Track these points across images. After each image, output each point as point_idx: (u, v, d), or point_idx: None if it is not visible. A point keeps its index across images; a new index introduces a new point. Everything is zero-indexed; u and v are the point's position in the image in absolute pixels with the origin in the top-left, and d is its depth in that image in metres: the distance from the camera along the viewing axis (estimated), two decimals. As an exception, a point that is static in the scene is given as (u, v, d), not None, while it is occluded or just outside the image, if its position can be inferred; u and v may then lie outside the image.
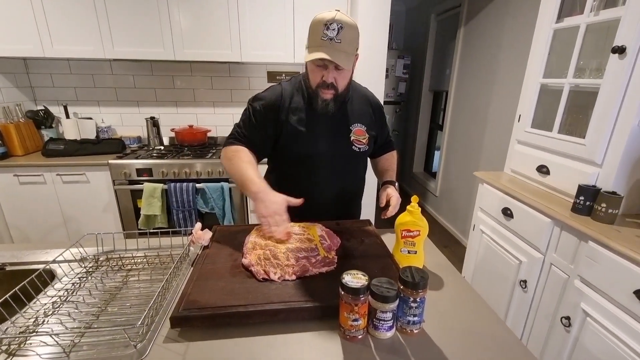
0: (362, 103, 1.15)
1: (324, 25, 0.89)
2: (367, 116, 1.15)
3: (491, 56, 2.50)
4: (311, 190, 1.10)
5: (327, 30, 0.89)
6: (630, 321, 0.98)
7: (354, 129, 1.11)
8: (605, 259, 1.05)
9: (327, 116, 1.05)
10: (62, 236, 2.18)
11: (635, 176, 1.19)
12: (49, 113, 2.36)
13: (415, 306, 0.65)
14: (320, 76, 0.97)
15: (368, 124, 1.14)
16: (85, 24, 1.99)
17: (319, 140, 1.07)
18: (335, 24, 0.89)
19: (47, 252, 0.97)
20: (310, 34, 0.93)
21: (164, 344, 0.64)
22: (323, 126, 1.07)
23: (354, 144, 1.11)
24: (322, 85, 0.98)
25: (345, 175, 1.16)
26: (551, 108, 1.49)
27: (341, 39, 0.90)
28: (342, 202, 1.19)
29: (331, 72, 0.96)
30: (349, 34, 0.91)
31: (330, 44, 0.90)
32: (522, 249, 1.43)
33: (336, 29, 0.89)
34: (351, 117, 1.11)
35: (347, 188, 1.18)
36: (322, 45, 0.90)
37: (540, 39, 1.51)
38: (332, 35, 0.89)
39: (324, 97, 1.00)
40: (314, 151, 1.07)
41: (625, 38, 1.12)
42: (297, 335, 0.67)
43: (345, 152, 1.11)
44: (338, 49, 0.91)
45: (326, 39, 0.90)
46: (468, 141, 2.86)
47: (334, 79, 0.97)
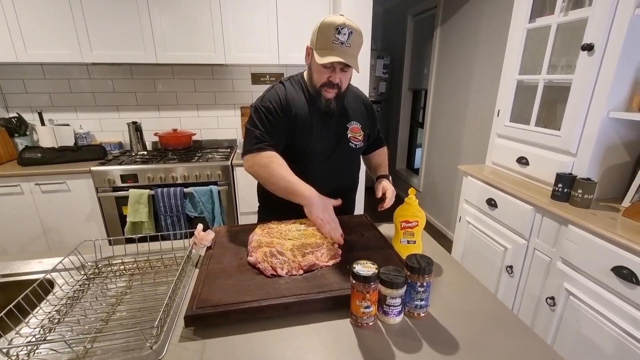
0: (356, 102, 1.20)
1: (335, 30, 0.94)
2: (362, 114, 1.20)
3: (468, 55, 2.61)
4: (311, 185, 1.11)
5: (338, 35, 0.94)
6: (609, 296, 1.06)
7: (351, 127, 1.15)
8: (584, 241, 1.14)
9: (327, 114, 1.09)
10: (42, 247, 2.08)
11: (606, 163, 1.29)
12: (22, 120, 2.25)
13: (422, 290, 0.69)
14: (327, 76, 1.02)
15: (363, 122, 1.19)
16: (60, 27, 1.92)
17: (319, 138, 1.10)
18: (347, 28, 0.94)
19: (41, 261, 0.94)
20: (320, 36, 0.97)
21: (180, 343, 0.65)
22: (324, 124, 1.11)
23: (351, 141, 1.15)
24: (327, 85, 1.02)
25: (343, 172, 1.21)
26: (528, 103, 1.58)
27: (351, 44, 0.96)
28: (340, 197, 1.21)
29: (338, 73, 1.01)
30: (357, 39, 0.97)
31: (342, 48, 0.95)
32: (507, 236, 1.51)
33: (347, 34, 0.95)
34: (348, 115, 1.16)
35: (344, 184, 1.22)
36: (334, 48, 0.95)
37: (515, 38, 1.61)
38: (343, 40, 0.95)
39: (327, 96, 1.05)
40: (315, 148, 1.11)
41: (593, 36, 1.21)
42: (310, 327, 0.69)
43: (343, 148, 1.15)
44: (348, 52, 0.96)
45: (337, 43, 0.95)
46: (448, 137, 2.97)
47: (340, 80, 1.02)
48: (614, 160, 1.30)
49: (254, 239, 0.90)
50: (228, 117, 2.60)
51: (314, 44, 1.00)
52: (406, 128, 4.03)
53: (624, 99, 1.21)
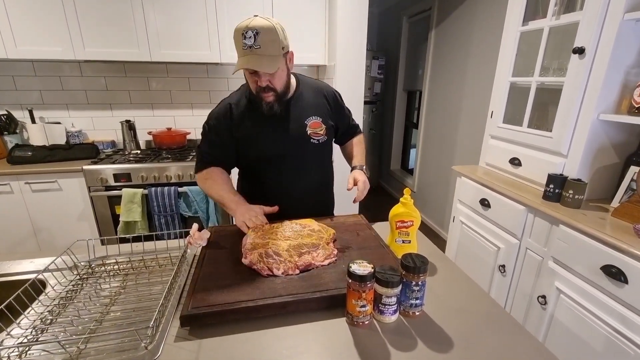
0: (315, 96, 1.17)
1: (242, 35, 0.92)
2: (322, 107, 1.17)
3: (462, 57, 2.63)
4: (281, 188, 1.16)
5: (244, 40, 0.92)
6: (598, 294, 1.08)
7: (309, 123, 1.13)
8: (575, 240, 1.16)
9: (278, 117, 1.08)
10: (32, 247, 2.04)
11: (596, 164, 1.32)
12: (12, 118, 2.21)
13: (417, 289, 0.69)
14: (255, 81, 1.00)
15: (324, 115, 1.16)
16: (52, 23, 1.89)
17: (274, 141, 1.10)
18: (250, 31, 0.91)
19: (32, 261, 0.93)
20: (235, 44, 0.96)
21: (175, 343, 0.64)
22: (275, 126, 1.10)
23: (312, 137, 1.13)
24: (260, 90, 1.01)
25: (311, 168, 1.19)
26: (520, 104, 1.60)
27: (260, 44, 0.92)
28: (313, 193, 1.23)
29: (262, 76, 0.98)
30: (266, 37, 0.92)
31: (251, 52, 0.93)
32: (499, 236, 1.53)
33: (252, 36, 0.92)
34: (304, 111, 1.13)
35: (315, 180, 1.22)
36: (244, 54, 0.94)
37: (508, 41, 1.63)
38: (249, 43, 0.92)
39: (267, 101, 1.03)
40: (272, 152, 1.11)
41: (584, 39, 1.23)
42: (306, 326, 0.69)
43: (304, 146, 1.13)
44: (260, 54, 0.93)
45: (246, 48, 0.93)
46: (443, 138, 3.00)
47: (269, 82, 0.99)
48: (603, 162, 1.32)
49: (247, 242, 0.90)
50: (223, 117, 2.58)
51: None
52: (401, 129, 4.06)
53: (614, 102, 1.24)
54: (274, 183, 1.16)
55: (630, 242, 1.01)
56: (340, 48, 2.14)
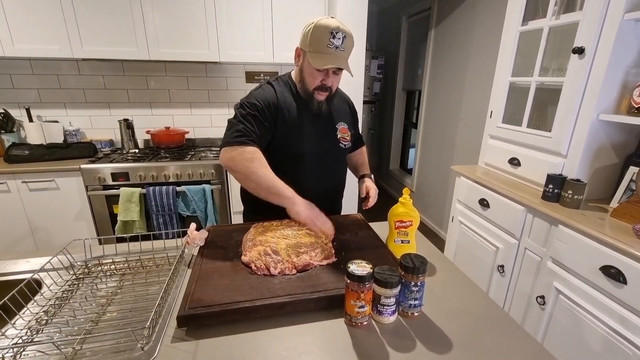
0: (342, 103, 1.23)
1: (330, 34, 0.93)
2: (347, 115, 1.23)
3: (461, 57, 2.63)
4: (302, 187, 1.10)
5: (333, 39, 0.94)
6: (597, 295, 1.08)
7: (340, 127, 1.16)
8: (574, 240, 1.16)
9: (316, 116, 1.09)
10: (29, 246, 2.03)
11: (595, 165, 1.32)
12: (9, 116, 2.20)
13: (416, 290, 0.69)
14: (320, 80, 1.02)
15: (349, 122, 1.20)
16: (50, 21, 1.88)
17: (310, 139, 1.10)
18: (341, 33, 0.94)
19: (28, 261, 0.92)
20: (313, 39, 0.96)
21: (172, 343, 0.64)
22: (313, 126, 1.10)
23: (340, 142, 1.16)
24: (319, 88, 1.03)
25: (333, 172, 1.21)
26: (520, 104, 1.60)
27: (345, 48, 0.97)
28: (329, 197, 1.24)
29: (331, 76, 1.02)
30: (350, 43, 0.98)
31: (336, 52, 0.96)
32: (498, 236, 1.53)
33: (341, 39, 0.95)
34: (336, 116, 1.17)
35: (334, 184, 1.24)
36: (329, 53, 0.96)
37: (508, 41, 1.62)
38: (338, 44, 0.95)
39: (319, 99, 1.05)
40: (306, 150, 1.10)
41: (583, 39, 1.23)
42: (304, 327, 0.69)
43: (333, 149, 1.15)
44: (343, 57, 0.97)
45: (332, 47, 0.95)
46: (442, 138, 3.00)
47: (332, 83, 1.04)
48: (603, 162, 1.32)
49: (248, 237, 0.90)
50: (221, 116, 2.58)
51: (306, 46, 0.98)
52: (400, 128, 4.05)
53: (613, 102, 1.24)
54: (298, 180, 1.07)
55: (630, 243, 1.01)
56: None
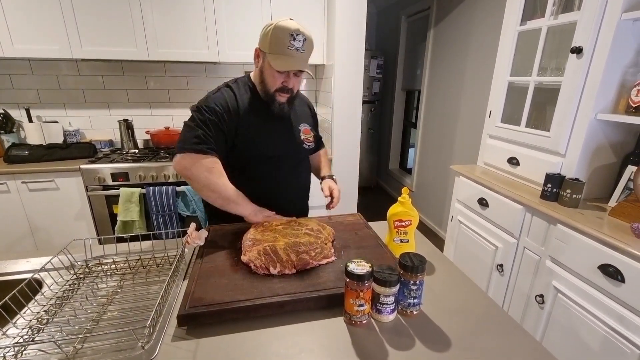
0: (302, 104, 1.24)
1: (290, 36, 0.94)
2: (308, 116, 1.25)
3: (460, 56, 2.64)
4: (270, 189, 1.15)
5: (293, 41, 0.94)
6: (595, 293, 1.09)
7: (302, 129, 1.18)
8: (572, 239, 1.16)
9: (279, 118, 1.09)
10: (29, 247, 2.04)
11: (594, 164, 1.32)
12: (8, 117, 2.19)
13: (415, 289, 0.69)
14: (281, 81, 1.01)
15: (310, 123, 1.23)
16: (49, 21, 1.88)
17: (275, 142, 1.11)
18: (301, 35, 0.95)
19: (29, 261, 0.93)
20: (274, 40, 0.95)
21: (173, 342, 0.64)
22: (277, 128, 1.11)
23: (304, 143, 1.17)
24: (280, 90, 1.03)
25: (299, 173, 1.22)
26: (518, 104, 1.61)
27: (305, 50, 0.98)
28: (297, 198, 1.25)
29: (292, 78, 1.02)
30: (309, 46, 0.99)
31: (297, 54, 0.96)
32: (497, 236, 1.54)
33: (302, 41, 0.95)
34: (298, 117, 1.18)
35: (300, 185, 1.25)
36: (290, 55, 0.96)
37: (507, 41, 1.63)
38: (298, 47, 0.95)
39: (280, 101, 1.05)
40: (271, 152, 1.10)
41: (581, 39, 1.24)
42: (303, 325, 0.69)
43: (298, 151, 1.16)
44: (303, 59, 0.98)
45: (293, 49, 0.95)
46: (441, 137, 3.00)
47: (294, 85, 1.04)
48: (601, 161, 1.33)
49: (247, 237, 0.90)
50: (221, 116, 2.58)
51: (266, 48, 0.98)
52: (399, 128, 4.06)
53: (611, 102, 1.24)
54: (261, 185, 1.11)
55: (628, 242, 1.01)
56: (339, 47, 2.13)
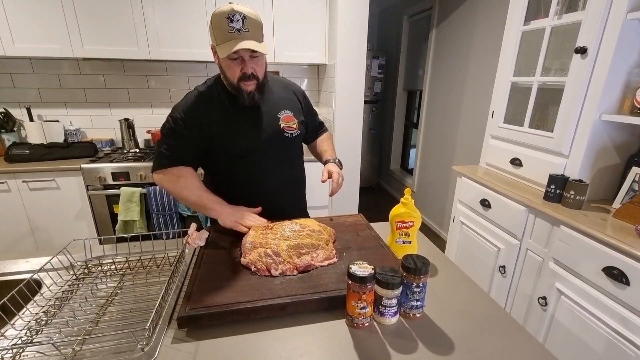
0: (284, 91, 1.17)
1: (227, 19, 0.89)
2: (292, 102, 1.17)
3: (463, 56, 2.62)
4: (254, 185, 1.13)
5: (231, 23, 0.89)
6: (599, 296, 1.08)
7: (282, 116, 1.11)
8: (576, 241, 1.15)
9: (251, 110, 1.06)
10: (29, 246, 2.03)
11: (597, 165, 1.31)
12: (9, 116, 2.20)
13: (418, 291, 0.69)
14: (239, 69, 0.96)
15: (296, 110, 1.15)
16: (50, 20, 1.87)
17: (248, 135, 1.07)
18: (238, 15, 0.89)
19: (28, 261, 0.92)
20: (215, 29, 0.92)
21: (173, 344, 0.63)
22: (249, 120, 1.07)
23: (285, 131, 1.11)
24: (242, 78, 0.97)
25: (284, 163, 1.16)
26: (521, 104, 1.59)
27: (249, 28, 0.90)
28: (286, 189, 1.20)
29: (248, 62, 0.95)
30: (253, 22, 0.92)
31: (240, 35, 0.90)
32: (500, 237, 1.52)
33: (240, 20, 0.89)
34: (276, 105, 1.12)
35: (288, 175, 1.19)
36: (232, 38, 0.90)
37: (510, 41, 1.62)
38: (239, 27, 0.89)
39: (247, 90, 0.99)
40: (245, 146, 1.07)
41: (586, 39, 1.23)
42: (305, 327, 0.68)
43: (277, 140, 1.10)
44: (247, 37, 0.91)
45: (234, 31, 0.89)
46: (443, 138, 2.99)
47: (253, 69, 0.97)
48: (605, 162, 1.31)
49: (247, 240, 0.89)
50: (222, 115, 2.57)
51: (214, 40, 0.95)
52: (401, 128, 4.05)
53: (616, 102, 1.23)
54: (246, 180, 1.11)
55: (632, 244, 1.00)
56: (340, 47, 2.13)
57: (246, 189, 1.12)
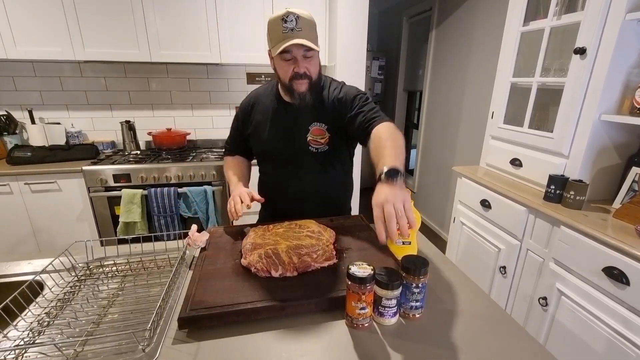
0: (330, 99, 1.08)
1: (282, 20, 0.92)
2: (331, 111, 1.07)
3: (462, 57, 2.63)
4: (274, 188, 1.18)
5: (285, 24, 0.92)
6: (599, 296, 1.08)
7: (312, 129, 1.08)
8: (576, 242, 1.15)
9: (287, 117, 1.09)
10: (31, 248, 2.04)
11: (597, 165, 1.31)
12: (11, 118, 2.21)
13: (418, 291, 0.69)
14: (292, 69, 0.98)
15: (331, 120, 1.07)
16: (52, 23, 1.89)
17: (273, 139, 1.10)
18: (292, 15, 0.92)
19: (30, 262, 0.93)
20: (270, 32, 0.96)
21: (173, 345, 0.64)
22: (282, 125, 1.10)
23: (310, 144, 1.09)
24: (295, 77, 0.99)
25: (304, 176, 1.13)
26: (521, 105, 1.60)
27: (301, 27, 0.93)
28: (311, 200, 1.16)
29: (301, 62, 0.97)
30: (306, 23, 0.94)
31: (293, 34, 0.92)
32: (500, 237, 1.53)
33: (294, 20, 0.92)
34: (312, 115, 1.08)
35: (311, 187, 1.15)
36: (285, 37, 0.92)
37: (509, 41, 1.62)
38: (291, 26, 0.92)
39: (299, 90, 1.00)
40: (267, 148, 1.12)
41: (585, 40, 1.23)
42: (305, 328, 0.68)
43: (300, 152, 1.10)
44: (300, 36, 0.93)
45: (287, 31, 0.92)
46: (443, 138, 2.99)
47: (306, 68, 0.98)
48: (605, 162, 1.31)
49: (247, 241, 0.90)
50: (223, 117, 2.58)
51: (270, 45, 0.98)
52: (401, 129, 4.03)
53: (615, 102, 1.23)
54: (270, 180, 1.21)
55: (633, 244, 1.00)
56: (340, 48, 2.13)
57: (273, 191, 1.19)
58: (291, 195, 1.17)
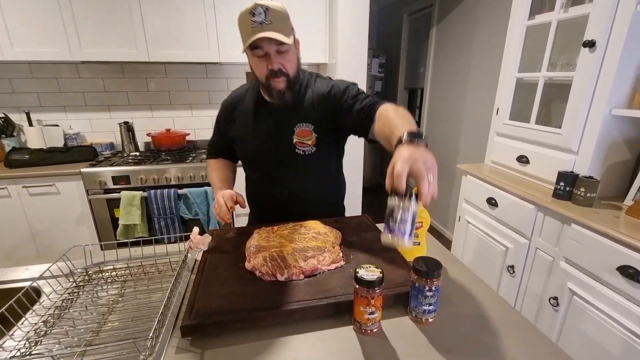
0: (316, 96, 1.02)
1: (250, 14, 0.86)
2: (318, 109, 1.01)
3: (464, 53, 2.60)
4: (263, 191, 1.13)
5: (253, 17, 0.86)
6: (615, 296, 1.05)
7: (298, 130, 1.01)
8: (588, 240, 1.12)
9: (270, 118, 1.03)
10: (30, 252, 2.01)
11: (608, 161, 1.28)
12: (8, 121, 2.18)
13: (431, 295, 0.66)
14: (266, 66, 0.91)
15: (317, 120, 1.01)
16: (48, 24, 1.86)
17: (256, 142, 1.05)
18: (260, 8, 0.86)
19: (28, 268, 0.90)
20: (241, 29, 0.89)
21: (176, 354, 0.61)
22: (265, 127, 1.04)
23: (297, 147, 1.02)
24: (271, 76, 0.92)
25: (290, 180, 1.08)
26: (527, 101, 1.57)
27: (271, 20, 0.86)
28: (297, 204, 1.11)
29: (274, 58, 0.90)
30: (277, 15, 0.88)
31: (262, 27, 0.86)
32: (508, 236, 1.50)
33: (262, 12, 0.86)
34: (297, 116, 1.01)
35: (298, 190, 1.09)
36: (254, 32, 0.86)
37: (514, 36, 1.59)
38: (260, 20, 0.86)
39: (277, 88, 0.94)
40: (254, 154, 1.07)
41: (594, 33, 1.20)
42: (312, 335, 0.66)
43: (286, 155, 1.03)
44: (269, 28, 0.86)
45: (255, 25, 0.86)
46: (446, 136, 2.96)
47: (281, 65, 0.92)
48: (616, 158, 1.28)
49: (252, 244, 0.87)
50: (223, 117, 2.55)
51: (243, 42, 0.91)
52: (402, 127, 4.02)
53: (626, 96, 1.20)
54: (257, 184, 1.16)
55: (648, 242, 0.97)
56: (341, 46, 2.10)
57: (260, 196, 1.17)
58: (279, 201, 1.10)
